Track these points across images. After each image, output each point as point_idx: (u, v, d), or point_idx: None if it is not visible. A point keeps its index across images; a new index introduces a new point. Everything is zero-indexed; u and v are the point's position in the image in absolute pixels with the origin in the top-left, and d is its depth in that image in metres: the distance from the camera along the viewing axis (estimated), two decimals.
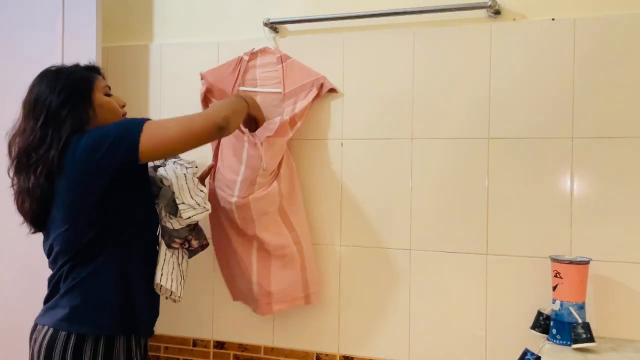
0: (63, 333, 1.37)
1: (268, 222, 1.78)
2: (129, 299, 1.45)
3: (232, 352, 2.00)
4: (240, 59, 1.91)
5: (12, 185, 1.46)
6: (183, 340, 2.07)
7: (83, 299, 1.39)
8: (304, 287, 1.83)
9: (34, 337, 1.43)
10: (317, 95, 1.84)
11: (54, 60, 1.73)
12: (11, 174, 1.45)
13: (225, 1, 2.04)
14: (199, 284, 1.99)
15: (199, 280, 1.99)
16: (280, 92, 1.86)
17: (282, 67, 1.87)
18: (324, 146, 1.90)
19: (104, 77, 1.56)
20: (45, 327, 1.40)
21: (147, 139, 1.36)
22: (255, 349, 1.97)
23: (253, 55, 1.91)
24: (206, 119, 1.46)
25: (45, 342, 1.38)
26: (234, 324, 1.99)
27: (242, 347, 1.99)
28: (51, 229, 1.44)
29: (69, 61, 1.56)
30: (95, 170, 1.36)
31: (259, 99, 1.85)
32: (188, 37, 2.09)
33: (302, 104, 1.83)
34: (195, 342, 2.05)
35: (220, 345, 2.02)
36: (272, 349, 1.95)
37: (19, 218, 1.47)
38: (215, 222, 1.87)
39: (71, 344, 1.36)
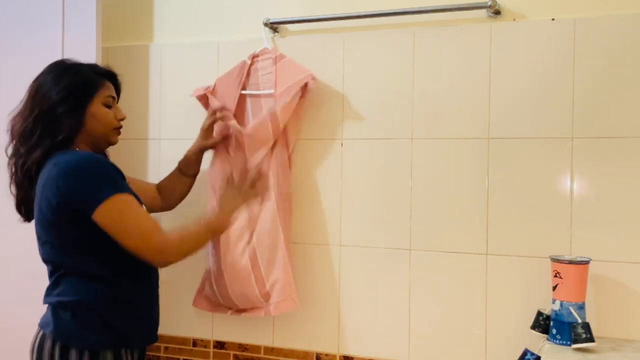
0: (49, 340, 1.37)
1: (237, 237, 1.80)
2: (113, 318, 1.39)
3: (232, 352, 2.00)
4: (243, 63, 1.91)
5: (15, 162, 1.44)
6: (183, 340, 2.07)
7: (67, 313, 1.37)
8: (265, 298, 1.80)
9: (34, 335, 1.44)
10: (302, 97, 1.82)
11: (54, 60, 1.73)
12: (9, 152, 1.44)
13: (225, 1, 2.04)
14: (198, 283, 1.99)
15: (198, 280, 1.98)
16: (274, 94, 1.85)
17: (276, 68, 1.86)
18: (324, 146, 1.90)
19: (118, 86, 1.54)
20: (38, 328, 1.42)
21: (102, 216, 1.31)
22: (255, 349, 1.97)
23: (255, 58, 1.91)
24: (156, 254, 1.36)
25: (36, 343, 1.39)
26: (234, 324, 1.99)
27: (242, 347, 1.99)
28: (37, 236, 1.43)
29: None
30: (56, 210, 1.34)
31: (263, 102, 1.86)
32: (188, 37, 2.09)
33: (285, 104, 1.79)
34: (195, 342, 2.05)
35: (220, 345, 2.02)
36: (272, 349, 1.95)
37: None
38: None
39: (57, 353, 1.35)
